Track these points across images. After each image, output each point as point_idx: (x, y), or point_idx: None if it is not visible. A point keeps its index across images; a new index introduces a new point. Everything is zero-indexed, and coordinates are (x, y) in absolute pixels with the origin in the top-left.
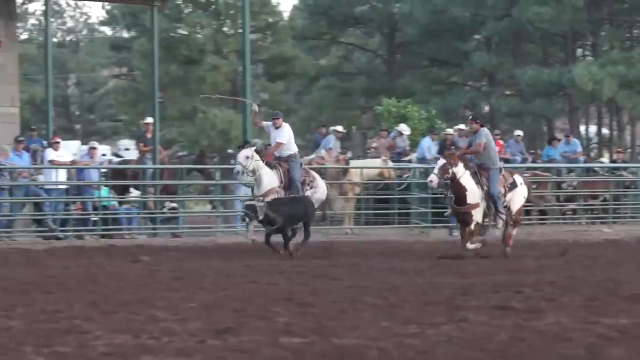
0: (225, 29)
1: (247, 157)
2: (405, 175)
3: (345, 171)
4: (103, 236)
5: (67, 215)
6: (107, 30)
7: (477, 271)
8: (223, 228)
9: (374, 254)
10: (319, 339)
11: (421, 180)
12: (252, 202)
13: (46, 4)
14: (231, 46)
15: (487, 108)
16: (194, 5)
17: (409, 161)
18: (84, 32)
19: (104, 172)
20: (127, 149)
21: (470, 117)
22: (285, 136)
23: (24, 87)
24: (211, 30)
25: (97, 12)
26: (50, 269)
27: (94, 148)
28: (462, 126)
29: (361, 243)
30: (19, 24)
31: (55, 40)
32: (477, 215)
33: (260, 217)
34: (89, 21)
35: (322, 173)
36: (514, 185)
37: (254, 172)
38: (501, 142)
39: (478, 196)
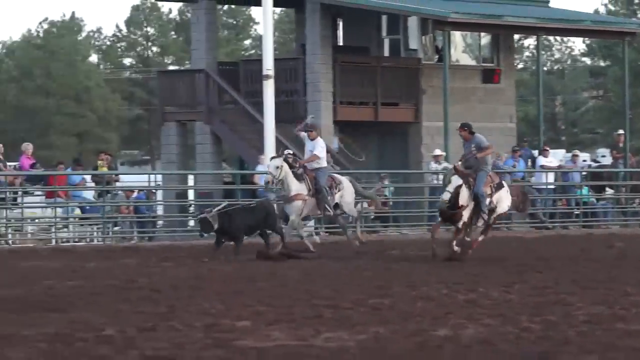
0: None
1: (277, 167)
2: None
3: None
4: (583, 227)
5: (555, 209)
6: (587, 60)
7: None
8: None
9: None
10: None
11: None
12: (204, 216)
13: (538, 40)
14: None
15: None
16: None
17: None
18: (568, 61)
19: (584, 175)
20: (603, 156)
21: (460, 125)
22: (319, 150)
23: (519, 106)
24: None
25: (579, 46)
26: (541, 253)
27: (576, 155)
28: None
29: None
30: (516, 56)
31: (545, 68)
32: (465, 215)
33: (216, 227)
34: (572, 53)
35: None
36: (500, 186)
37: (282, 181)
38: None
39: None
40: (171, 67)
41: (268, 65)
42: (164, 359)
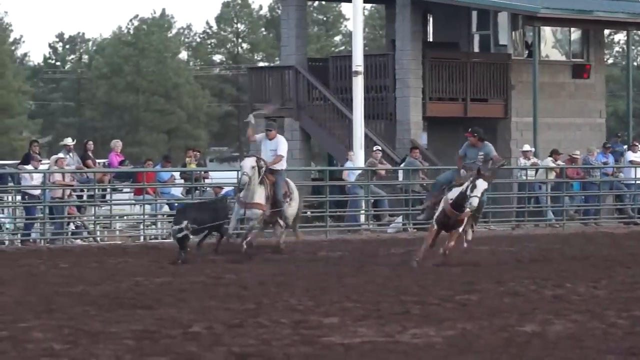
0: None
1: (253, 167)
2: None
3: None
4: None
5: None
6: None
7: None
8: None
9: None
10: None
11: None
12: (186, 233)
13: (628, 35)
14: None
15: None
16: None
17: None
18: None
19: None
20: None
21: (470, 129)
22: (284, 149)
23: (609, 101)
24: None
25: None
26: (629, 249)
27: None
28: None
29: None
30: (606, 51)
31: (634, 63)
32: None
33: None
34: None
35: None
36: None
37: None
38: None
39: None
40: (261, 64)
41: (358, 62)
42: (251, 356)
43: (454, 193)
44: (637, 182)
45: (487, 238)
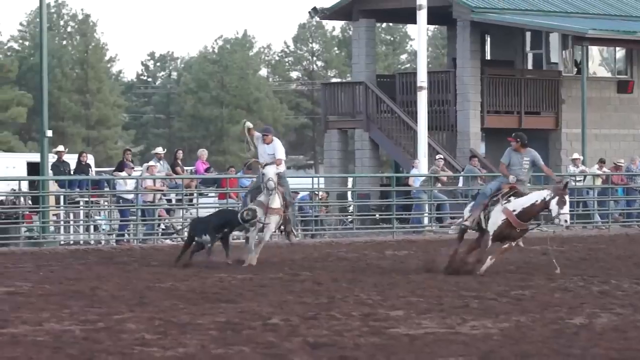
0: None
1: (276, 174)
2: None
3: None
4: None
5: None
6: None
7: None
8: None
9: None
10: None
11: None
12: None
13: None
14: None
15: None
16: None
17: None
18: None
19: None
20: None
21: (513, 134)
22: (283, 152)
23: None
24: None
25: None
26: None
27: None
28: None
29: None
30: None
31: None
32: None
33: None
34: None
35: None
36: None
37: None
38: None
39: None
40: (334, 80)
41: (422, 78)
42: (325, 345)
43: (516, 204)
44: None
45: (539, 239)
